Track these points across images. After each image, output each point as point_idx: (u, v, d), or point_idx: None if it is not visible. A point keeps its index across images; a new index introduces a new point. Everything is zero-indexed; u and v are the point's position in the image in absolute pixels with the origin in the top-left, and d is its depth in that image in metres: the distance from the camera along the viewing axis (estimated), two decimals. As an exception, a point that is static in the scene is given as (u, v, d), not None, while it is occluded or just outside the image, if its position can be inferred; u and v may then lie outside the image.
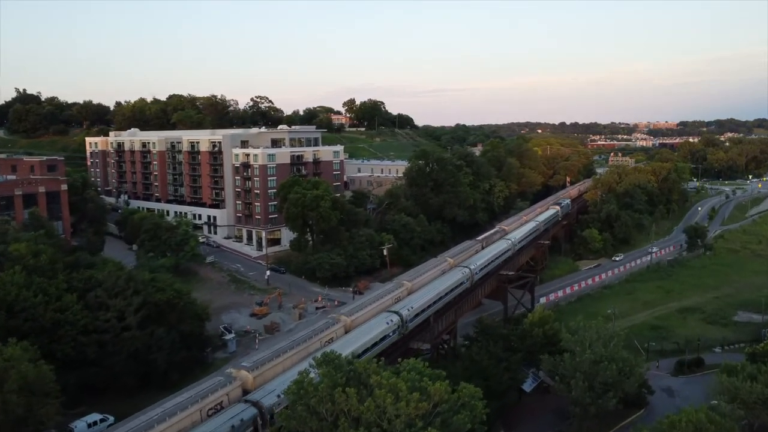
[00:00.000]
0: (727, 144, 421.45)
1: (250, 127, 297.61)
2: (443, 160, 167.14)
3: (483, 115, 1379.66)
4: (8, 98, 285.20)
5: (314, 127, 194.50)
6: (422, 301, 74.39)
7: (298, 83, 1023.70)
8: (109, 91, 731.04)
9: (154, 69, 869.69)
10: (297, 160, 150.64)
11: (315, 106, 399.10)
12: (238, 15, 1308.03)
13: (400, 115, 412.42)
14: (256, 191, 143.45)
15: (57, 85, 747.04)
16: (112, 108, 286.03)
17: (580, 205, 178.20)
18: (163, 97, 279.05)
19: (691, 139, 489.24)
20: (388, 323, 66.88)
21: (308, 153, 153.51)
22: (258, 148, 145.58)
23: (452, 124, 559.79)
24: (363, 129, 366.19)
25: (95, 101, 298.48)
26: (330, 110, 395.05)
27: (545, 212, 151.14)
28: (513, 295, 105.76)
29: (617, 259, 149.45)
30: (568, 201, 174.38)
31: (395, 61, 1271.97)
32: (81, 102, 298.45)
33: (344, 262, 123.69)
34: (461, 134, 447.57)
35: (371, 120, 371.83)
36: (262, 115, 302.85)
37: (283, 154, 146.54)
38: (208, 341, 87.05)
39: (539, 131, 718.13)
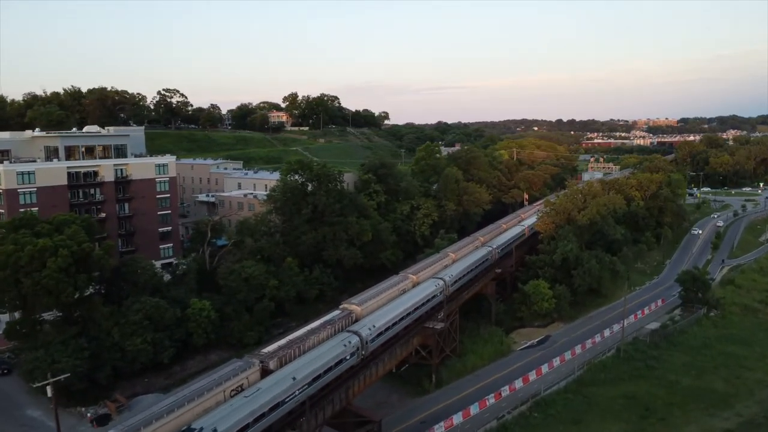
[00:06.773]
0: (731, 143, 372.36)
1: (163, 126, 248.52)
2: (328, 175, 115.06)
3: (482, 113, 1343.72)
4: None
5: (140, 125, 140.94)
6: None
7: (296, 82, 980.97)
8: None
9: (155, 68, 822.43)
10: (83, 180, 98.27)
11: (260, 102, 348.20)
12: (232, 15, 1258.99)
13: (356, 113, 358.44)
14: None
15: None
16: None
17: (530, 240, 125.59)
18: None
19: (691, 138, 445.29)
20: None
21: (106, 168, 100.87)
22: (12, 161, 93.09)
23: (455, 121, 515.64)
24: (306, 128, 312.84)
25: None
26: (276, 107, 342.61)
27: (467, 257, 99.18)
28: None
29: None
30: (517, 231, 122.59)
31: (396, 59, 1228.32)
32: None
33: (83, 366, 71.45)
34: (430, 133, 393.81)
35: (318, 118, 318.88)
36: (172, 112, 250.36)
37: (53, 172, 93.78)
38: None
39: (535, 128, 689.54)
